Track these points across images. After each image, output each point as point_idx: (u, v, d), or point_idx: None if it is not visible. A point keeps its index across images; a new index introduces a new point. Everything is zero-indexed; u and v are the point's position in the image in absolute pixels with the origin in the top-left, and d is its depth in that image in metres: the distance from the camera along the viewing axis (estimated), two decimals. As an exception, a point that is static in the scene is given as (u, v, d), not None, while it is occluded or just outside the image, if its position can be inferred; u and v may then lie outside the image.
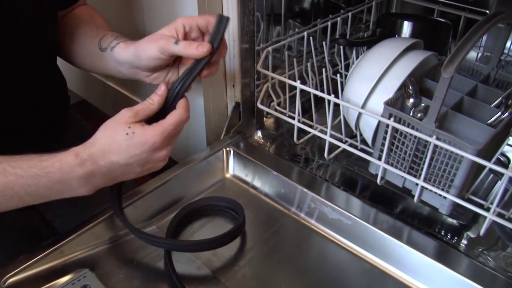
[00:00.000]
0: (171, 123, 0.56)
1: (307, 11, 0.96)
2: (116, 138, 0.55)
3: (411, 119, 0.61)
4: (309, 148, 0.88)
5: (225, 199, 0.74)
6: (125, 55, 0.65)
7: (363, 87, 0.68)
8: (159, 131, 0.55)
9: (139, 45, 0.63)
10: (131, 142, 0.55)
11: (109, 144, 0.55)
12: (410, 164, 0.64)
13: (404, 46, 0.68)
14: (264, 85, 0.84)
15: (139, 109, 0.57)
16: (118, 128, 0.55)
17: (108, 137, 0.55)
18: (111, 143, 0.55)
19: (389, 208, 0.72)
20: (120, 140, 0.55)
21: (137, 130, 0.55)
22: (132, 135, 0.55)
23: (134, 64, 0.64)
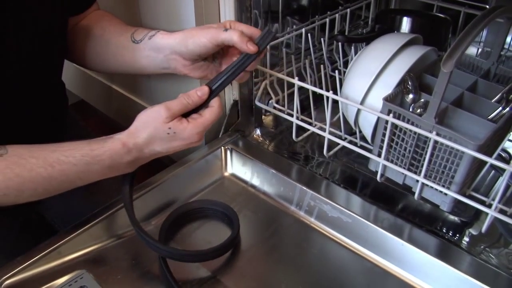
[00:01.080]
0: (209, 122, 0.62)
1: (305, 8, 0.95)
2: (158, 136, 0.60)
3: (411, 115, 0.60)
4: (309, 146, 0.87)
5: (219, 204, 0.73)
6: (169, 40, 0.67)
7: (362, 83, 0.67)
8: (198, 130, 0.61)
9: (188, 31, 0.66)
10: (173, 139, 0.61)
11: (151, 138, 0.61)
12: (410, 160, 0.64)
13: (403, 42, 0.67)
14: (262, 82, 0.83)
15: (176, 109, 0.61)
16: (158, 128, 0.60)
17: (150, 132, 0.60)
18: (153, 138, 0.61)
19: (390, 205, 0.71)
20: (162, 137, 0.60)
21: (178, 129, 0.60)
22: (174, 134, 0.60)
23: (177, 49, 0.67)
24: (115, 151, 0.60)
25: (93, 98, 1.23)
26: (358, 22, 1.05)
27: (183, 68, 0.69)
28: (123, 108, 1.10)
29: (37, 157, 0.57)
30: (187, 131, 0.60)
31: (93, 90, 1.19)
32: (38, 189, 0.58)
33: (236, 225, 0.68)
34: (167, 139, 0.61)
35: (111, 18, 0.76)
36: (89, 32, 0.74)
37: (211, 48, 0.65)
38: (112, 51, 0.73)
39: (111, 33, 0.73)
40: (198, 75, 0.70)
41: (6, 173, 0.56)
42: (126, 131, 0.61)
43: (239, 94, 0.84)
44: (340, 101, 0.69)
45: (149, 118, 0.61)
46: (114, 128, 0.69)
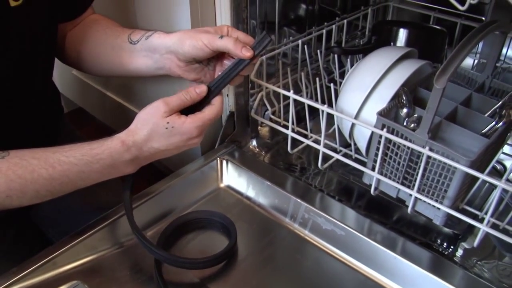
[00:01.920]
0: (208, 117, 0.63)
1: (302, 18, 0.96)
2: (157, 131, 0.61)
3: (404, 129, 0.61)
4: (305, 157, 0.87)
5: (216, 214, 0.73)
6: (165, 39, 0.68)
7: (357, 97, 0.67)
8: (197, 124, 0.61)
9: (185, 32, 0.67)
10: (171, 134, 0.61)
11: (150, 134, 0.61)
12: (403, 174, 0.64)
13: (398, 55, 0.68)
14: (258, 94, 0.84)
15: (174, 104, 0.62)
16: (157, 123, 0.61)
17: (149, 129, 0.61)
18: (152, 134, 0.61)
19: (384, 217, 0.71)
20: (161, 132, 0.61)
21: (176, 123, 0.61)
22: (172, 129, 0.61)
23: (173, 49, 0.67)
24: (115, 149, 0.61)
25: (89, 105, 1.23)
26: (355, 32, 1.06)
27: (177, 68, 0.69)
28: (119, 115, 1.10)
29: (39, 158, 0.58)
30: (185, 125, 0.61)
31: (90, 98, 1.19)
32: (41, 190, 0.59)
33: (234, 234, 0.68)
34: (166, 135, 0.61)
35: (107, 21, 0.77)
36: (86, 35, 0.75)
37: (207, 52, 0.65)
38: (109, 52, 0.73)
39: (108, 35, 0.73)
40: (192, 77, 0.70)
41: (8, 174, 0.56)
42: (126, 130, 0.62)
43: (235, 105, 0.84)
44: (335, 114, 0.70)
45: (148, 115, 0.61)
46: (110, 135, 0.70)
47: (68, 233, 0.67)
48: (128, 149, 0.61)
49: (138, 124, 0.62)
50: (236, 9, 0.74)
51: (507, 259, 0.68)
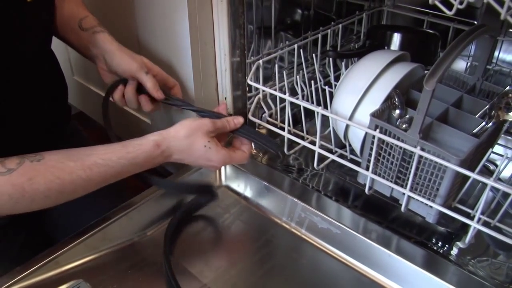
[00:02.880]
0: (236, 161, 0.72)
1: (298, 23, 0.98)
2: (195, 145, 0.67)
3: (396, 130, 0.63)
4: (303, 159, 0.89)
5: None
6: (105, 45, 0.75)
7: (350, 99, 0.69)
8: (226, 159, 0.69)
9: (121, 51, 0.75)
10: (203, 155, 0.67)
11: (187, 146, 0.67)
12: (397, 174, 0.66)
13: (390, 59, 0.70)
14: (255, 97, 0.86)
15: (219, 126, 0.70)
16: (200, 138, 0.67)
17: (190, 141, 0.67)
18: (189, 147, 0.67)
19: (380, 217, 0.73)
20: (197, 148, 0.67)
21: (213, 147, 0.68)
22: (208, 150, 0.67)
23: (105, 56, 0.76)
24: (149, 152, 0.65)
25: (90, 109, 1.25)
26: (350, 36, 1.08)
27: (101, 70, 0.78)
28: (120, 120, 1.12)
29: (75, 161, 0.61)
30: (219, 154, 0.68)
31: (90, 102, 1.21)
32: (78, 190, 0.62)
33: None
34: (200, 152, 0.67)
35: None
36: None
37: (127, 76, 0.75)
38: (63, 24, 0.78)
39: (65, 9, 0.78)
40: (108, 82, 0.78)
41: (47, 176, 0.59)
42: (163, 132, 0.67)
43: (233, 108, 0.86)
44: (330, 116, 0.71)
45: (195, 127, 0.67)
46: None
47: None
48: (162, 152, 0.66)
49: (181, 131, 0.67)
50: (233, 15, 0.76)
51: (501, 257, 0.69)
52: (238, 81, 0.84)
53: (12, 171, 0.57)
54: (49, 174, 0.59)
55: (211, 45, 0.79)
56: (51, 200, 0.60)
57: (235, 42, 0.79)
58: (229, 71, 0.81)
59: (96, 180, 0.62)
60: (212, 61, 0.81)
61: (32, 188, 0.58)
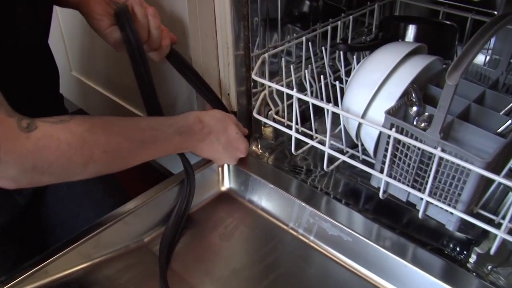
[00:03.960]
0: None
1: (306, 15, 0.92)
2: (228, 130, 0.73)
3: (414, 129, 0.57)
4: (311, 159, 0.84)
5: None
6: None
7: (363, 95, 0.64)
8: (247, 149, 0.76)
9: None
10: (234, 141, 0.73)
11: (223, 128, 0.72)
12: (414, 177, 0.60)
13: (407, 51, 0.64)
14: (261, 93, 0.81)
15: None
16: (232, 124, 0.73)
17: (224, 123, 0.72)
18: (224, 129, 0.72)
19: (393, 221, 0.68)
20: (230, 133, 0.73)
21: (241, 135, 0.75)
22: (239, 137, 0.74)
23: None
24: (192, 126, 0.68)
25: (91, 108, 1.21)
26: (361, 29, 1.02)
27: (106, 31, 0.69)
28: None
29: (127, 121, 0.61)
30: (246, 144, 0.75)
31: (90, 99, 1.17)
32: (132, 150, 0.60)
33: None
34: (232, 136, 0.72)
35: None
36: None
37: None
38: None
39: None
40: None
41: (106, 129, 0.56)
42: (202, 111, 0.71)
43: (237, 105, 0.81)
44: (341, 113, 0.66)
45: (225, 113, 0.74)
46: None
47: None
48: (202, 128, 0.69)
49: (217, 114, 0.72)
50: (236, 5, 0.71)
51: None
52: (242, 76, 0.78)
53: (66, 122, 0.53)
54: (108, 129, 0.57)
55: (213, 36, 0.74)
56: (108, 158, 0.56)
57: (239, 34, 0.74)
58: (233, 65, 0.76)
59: (148, 143, 0.61)
60: (213, 54, 0.76)
61: (92, 138, 0.54)
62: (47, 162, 0.51)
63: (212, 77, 0.78)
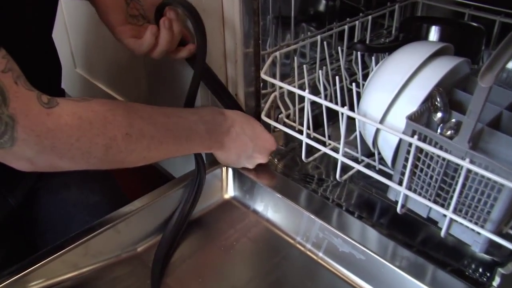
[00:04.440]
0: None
1: (322, 14, 0.86)
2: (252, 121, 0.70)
3: (439, 137, 0.51)
4: (324, 167, 0.78)
5: None
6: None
7: (383, 98, 0.58)
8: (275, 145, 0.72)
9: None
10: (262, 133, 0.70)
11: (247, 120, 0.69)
12: (437, 191, 0.54)
13: (432, 51, 0.58)
14: (271, 94, 0.75)
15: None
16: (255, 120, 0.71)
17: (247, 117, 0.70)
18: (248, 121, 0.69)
19: (410, 237, 0.61)
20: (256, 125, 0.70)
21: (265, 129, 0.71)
22: (264, 129, 0.70)
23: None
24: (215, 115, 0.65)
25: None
26: (380, 31, 0.96)
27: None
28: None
29: (152, 107, 0.58)
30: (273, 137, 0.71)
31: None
32: (155, 136, 0.56)
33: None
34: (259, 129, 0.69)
35: None
36: None
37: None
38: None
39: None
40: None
41: (129, 111, 0.53)
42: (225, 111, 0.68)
43: (245, 106, 0.75)
44: (357, 118, 0.60)
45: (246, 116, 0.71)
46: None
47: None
48: (225, 119, 0.66)
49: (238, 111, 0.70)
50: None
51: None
52: (251, 76, 0.73)
53: (88, 100, 0.50)
54: (131, 110, 0.54)
55: (220, 31, 0.69)
56: (130, 142, 0.52)
57: (248, 30, 0.68)
58: (241, 64, 0.70)
59: (173, 130, 0.58)
60: (220, 50, 0.71)
61: (115, 118, 0.51)
62: (68, 143, 0.48)
63: (219, 76, 0.73)
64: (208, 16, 0.67)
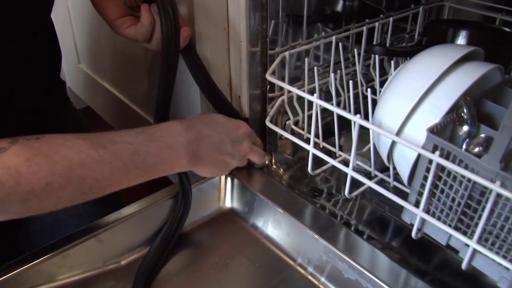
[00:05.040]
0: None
1: (338, 14, 0.80)
2: (215, 117, 0.62)
3: (465, 154, 0.44)
4: (335, 180, 0.71)
5: None
6: None
7: (401, 106, 0.51)
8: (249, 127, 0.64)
9: None
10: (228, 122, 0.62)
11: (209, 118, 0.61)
12: (459, 216, 0.47)
13: (459, 55, 0.51)
14: (278, 98, 0.69)
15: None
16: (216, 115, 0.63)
17: (207, 116, 0.62)
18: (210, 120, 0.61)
19: (424, 262, 0.55)
20: (218, 118, 0.62)
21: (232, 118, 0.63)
22: (228, 119, 0.62)
23: None
24: (173, 127, 0.55)
25: (98, 105, 1.12)
26: (402, 35, 0.89)
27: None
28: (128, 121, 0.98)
29: (85, 139, 0.49)
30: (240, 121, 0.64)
31: (98, 97, 1.08)
32: (87, 178, 0.47)
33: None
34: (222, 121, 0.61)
35: None
36: None
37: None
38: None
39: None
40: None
41: (50, 155, 0.45)
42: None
43: (249, 111, 0.69)
44: (370, 128, 0.53)
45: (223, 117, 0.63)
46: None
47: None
48: (186, 128, 0.55)
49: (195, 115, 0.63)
50: (252, -8, 0.60)
51: None
52: (257, 77, 0.67)
53: (4, 150, 0.43)
54: (53, 153, 0.45)
55: (224, 27, 0.63)
56: (53, 189, 0.45)
57: (255, 26, 0.62)
58: (245, 63, 0.64)
59: (112, 163, 0.48)
60: (224, 48, 0.65)
61: (30, 171, 0.44)
62: None
63: (221, 76, 0.67)
64: (212, 9, 0.61)
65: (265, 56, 0.66)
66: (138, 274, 0.54)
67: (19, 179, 0.43)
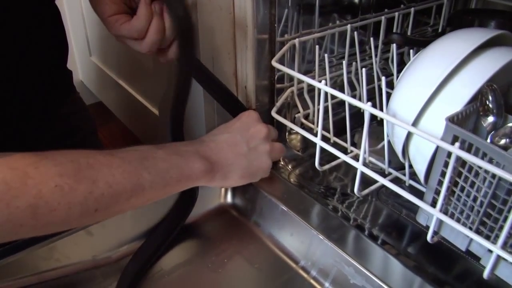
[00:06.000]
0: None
1: (354, 5, 0.75)
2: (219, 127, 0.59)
3: (490, 147, 0.39)
4: (349, 179, 0.66)
5: None
6: None
7: (417, 95, 0.46)
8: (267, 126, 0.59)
9: None
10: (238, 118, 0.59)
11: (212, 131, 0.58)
12: (481, 218, 0.42)
13: (484, 39, 0.46)
14: (287, 89, 0.65)
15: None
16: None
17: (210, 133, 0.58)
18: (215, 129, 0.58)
19: (442, 270, 0.50)
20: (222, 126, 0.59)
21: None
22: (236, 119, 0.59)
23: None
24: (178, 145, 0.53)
25: (110, 100, 1.09)
26: (424, 28, 0.84)
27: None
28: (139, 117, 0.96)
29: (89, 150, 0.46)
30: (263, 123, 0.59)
31: (109, 91, 1.06)
32: (99, 179, 0.44)
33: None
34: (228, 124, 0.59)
35: None
36: None
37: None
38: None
39: None
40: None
41: (57, 158, 0.43)
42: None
43: (256, 102, 0.65)
44: (384, 119, 0.49)
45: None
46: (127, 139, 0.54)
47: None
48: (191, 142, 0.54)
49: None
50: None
51: None
52: (264, 66, 0.63)
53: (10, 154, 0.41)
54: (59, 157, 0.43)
55: (229, 11, 0.59)
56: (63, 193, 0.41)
57: (263, 10, 0.58)
58: (251, 51, 0.60)
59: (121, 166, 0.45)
60: (229, 34, 0.61)
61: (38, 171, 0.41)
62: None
63: (226, 65, 0.63)
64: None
65: (274, 43, 0.62)
66: (125, 272, 0.50)
67: (26, 179, 0.39)
